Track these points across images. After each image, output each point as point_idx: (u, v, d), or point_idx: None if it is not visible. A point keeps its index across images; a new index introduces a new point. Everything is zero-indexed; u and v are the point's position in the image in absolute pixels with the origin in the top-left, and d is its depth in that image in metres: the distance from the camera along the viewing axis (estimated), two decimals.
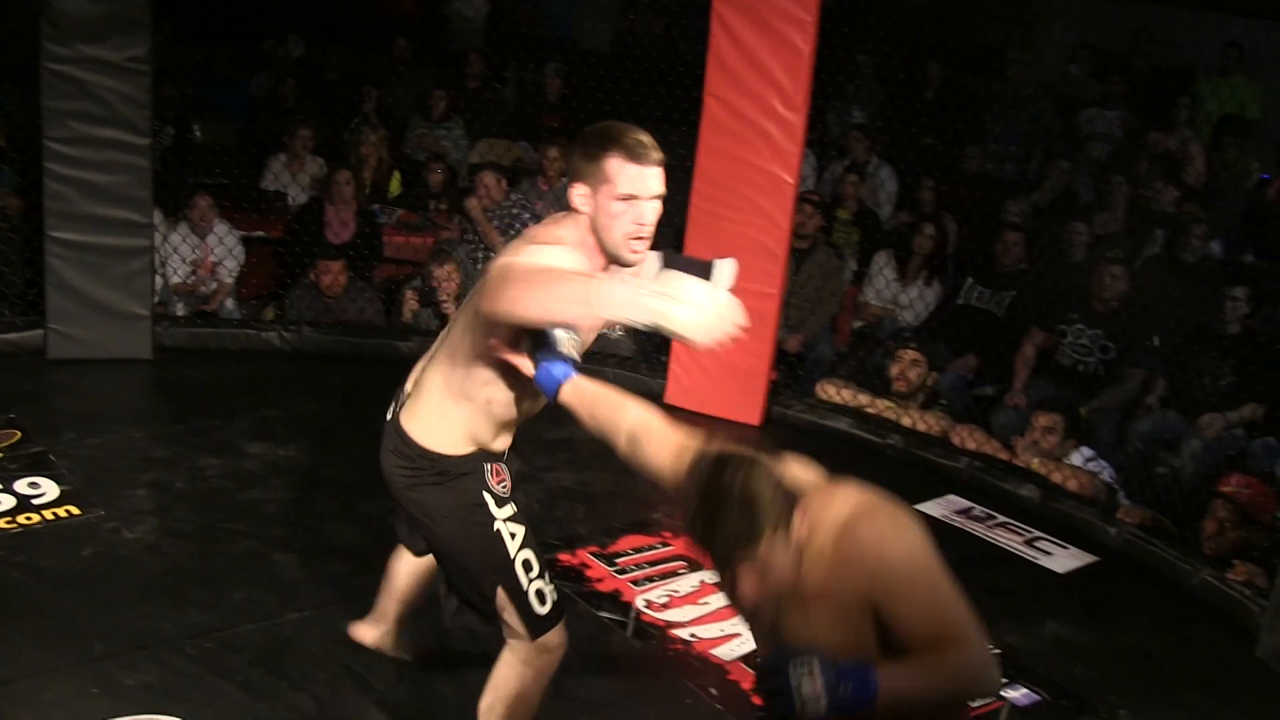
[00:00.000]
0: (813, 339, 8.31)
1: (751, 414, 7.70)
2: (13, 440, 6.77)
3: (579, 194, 3.63)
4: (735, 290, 3.24)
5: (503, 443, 4.07)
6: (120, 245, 7.66)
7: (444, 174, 9.34)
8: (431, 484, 3.97)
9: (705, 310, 3.17)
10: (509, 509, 4.00)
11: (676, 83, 8.10)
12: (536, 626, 4.00)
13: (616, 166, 3.56)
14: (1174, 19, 7.51)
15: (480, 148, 9.87)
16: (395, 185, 9.61)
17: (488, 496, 3.96)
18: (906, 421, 7.59)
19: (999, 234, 8.30)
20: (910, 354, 7.75)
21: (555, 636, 4.04)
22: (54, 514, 6.13)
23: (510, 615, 3.99)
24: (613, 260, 3.66)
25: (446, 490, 3.96)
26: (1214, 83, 9.18)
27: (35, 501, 6.21)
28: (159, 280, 8.04)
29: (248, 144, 9.53)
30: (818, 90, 7.41)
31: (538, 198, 9.04)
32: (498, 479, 3.99)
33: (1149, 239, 8.35)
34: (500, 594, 3.97)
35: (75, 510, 6.17)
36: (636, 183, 3.57)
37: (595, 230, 3.63)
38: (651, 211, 3.61)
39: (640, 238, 3.62)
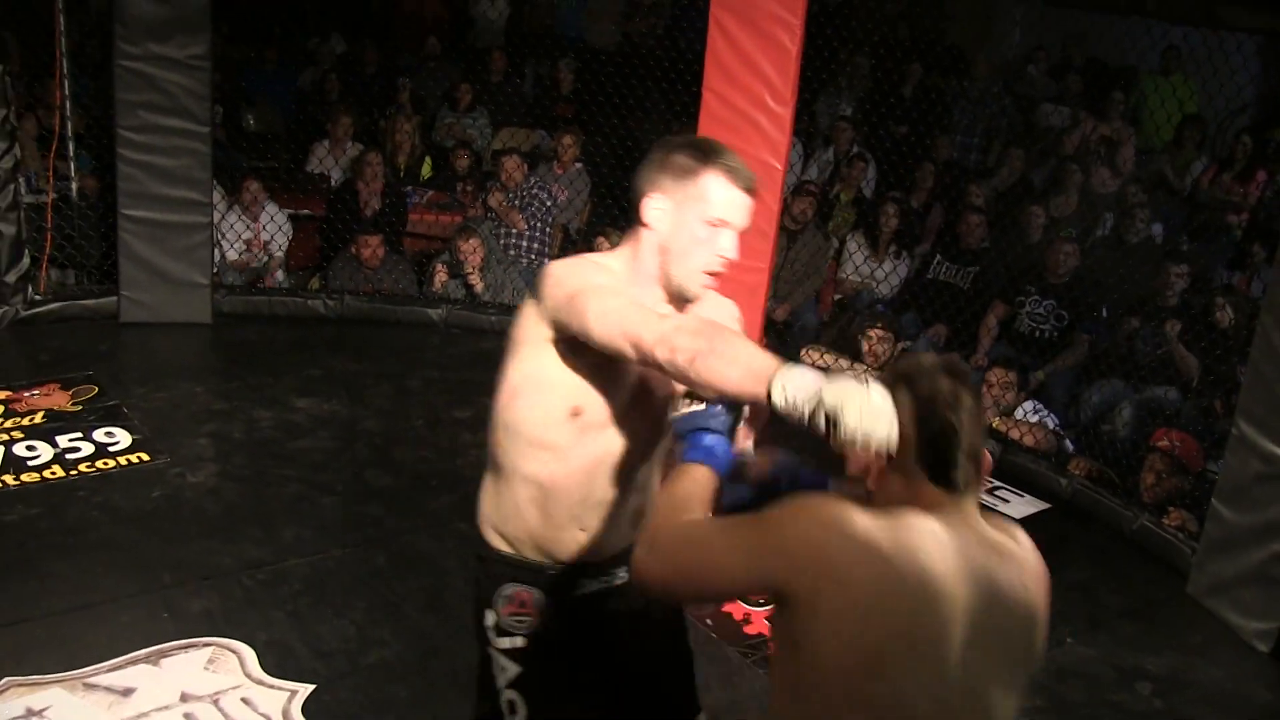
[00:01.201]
0: (798, 309, 8.36)
1: None
2: (91, 394, 6.86)
3: (656, 207, 2.82)
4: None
5: (577, 541, 3.01)
6: (183, 221, 7.74)
7: (469, 159, 9.38)
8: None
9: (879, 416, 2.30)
10: (510, 641, 3.06)
11: (677, 79, 8.11)
12: None
13: (717, 185, 2.78)
14: (1120, 25, 7.56)
15: (502, 135, 9.89)
16: (427, 169, 9.64)
17: (490, 616, 3.06)
18: None
19: (964, 216, 8.34)
20: (877, 332, 7.77)
21: None
22: (127, 460, 6.22)
23: None
24: (674, 293, 2.88)
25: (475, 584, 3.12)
26: (1156, 81, 9.22)
27: (111, 449, 6.31)
28: (217, 254, 8.10)
29: (295, 131, 9.57)
30: (804, 85, 7.44)
31: (553, 180, 9.09)
32: (510, 610, 3.03)
33: (1099, 221, 8.39)
34: None
35: (145, 457, 6.27)
36: (734, 209, 2.80)
37: (666, 252, 2.84)
38: (736, 246, 2.84)
39: (717, 273, 2.86)
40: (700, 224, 2.79)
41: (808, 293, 8.48)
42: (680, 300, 2.89)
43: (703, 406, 2.55)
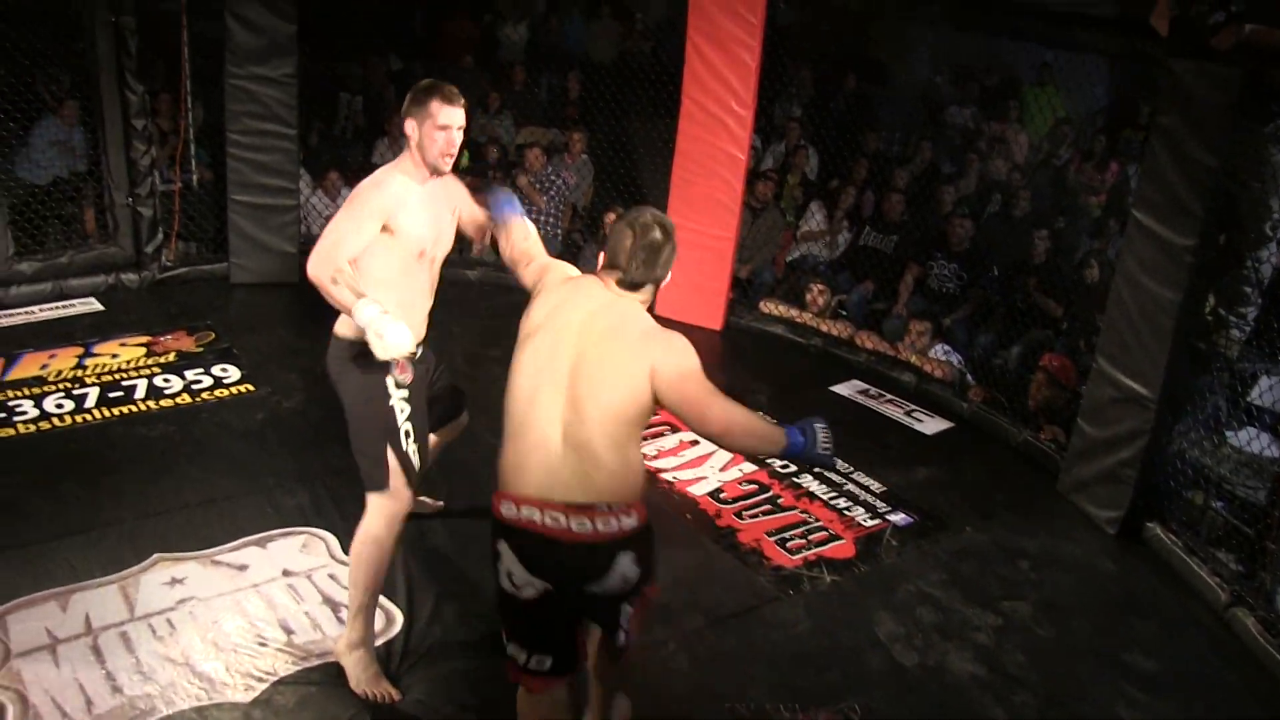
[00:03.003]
0: (758, 269, 8.43)
1: (714, 321, 7.78)
2: (209, 339, 6.96)
3: (409, 126, 3.86)
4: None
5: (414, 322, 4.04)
6: (277, 204, 7.82)
7: (498, 152, 9.40)
8: (351, 367, 3.97)
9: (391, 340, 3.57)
10: (404, 393, 3.99)
11: (662, 87, 8.13)
12: (409, 475, 3.99)
13: (437, 106, 3.82)
14: (1007, 46, 7.61)
15: (523, 133, 9.90)
16: (464, 160, 9.65)
17: (390, 381, 3.95)
18: (824, 328, 7.68)
19: (886, 195, 8.38)
20: (818, 285, 7.84)
21: (408, 490, 4.02)
22: (237, 390, 6.33)
23: (390, 471, 3.97)
24: (433, 169, 3.90)
25: (360, 373, 3.95)
26: (1034, 90, 9.28)
27: (225, 381, 6.43)
28: (303, 228, 8.15)
29: (361, 131, 9.57)
30: (761, 92, 7.47)
31: (565, 168, 9.12)
32: (400, 371, 3.97)
33: (990, 200, 8.44)
34: (389, 453, 3.96)
35: (250, 387, 6.37)
36: (449, 117, 3.83)
37: (420, 149, 3.86)
38: (458, 138, 3.89)
39: (450, 155, 3.88)
40: (433, 130, 3.83)
41: (766, 257, 8.55)
42: (436, 171, 3.93)
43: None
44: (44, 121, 7.59)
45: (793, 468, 5.89)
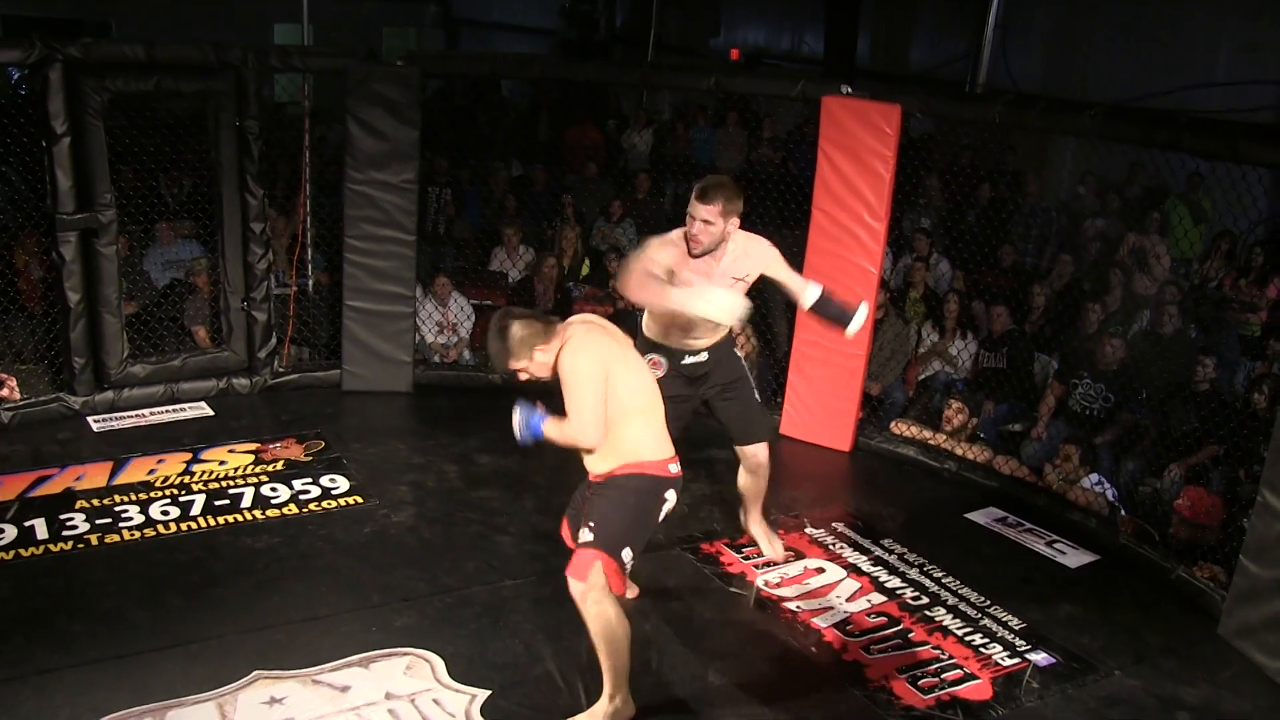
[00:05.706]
0: (888, 387, 8.25)
1: (843, 442, 7.62)
2: (319, 448, 7.01)
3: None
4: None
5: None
6: (392, 311, 7.89)
7: (619, 260, 9.44)
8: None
9: (723, 306, 4.70)
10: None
11: (790, 198, 8.10)
12: None
13: (691, 203, 5.11)
14: (1154, 155, 7.40)
15: (646, 241, 9.92)
16: (585, 269, 9.72)
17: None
18: (959, 451, 7.49)
19: (992, 309, 8.16)
20: (956, 403, 7.66)
21: None
22: (345, 501, 6.35)
23: None
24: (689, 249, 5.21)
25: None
26: (1177, 201, 9.09)
27: (333, 492, 6.45)
28: (417, 337, 8.22)
29: (480, 239, 9.66)
30: (894, 203, 7.38)
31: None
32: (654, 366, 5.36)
33: (1137, 317, 8.17)
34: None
35: (359, 499, 6.38)
36: (693, 210, 5.09)
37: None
38: (699, 228, 5.08)
39: (694, 240, 5.12)
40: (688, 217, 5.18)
41: (894, 373, 8.36)
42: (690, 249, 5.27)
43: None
44: (153, 247, 8.10)
45: (925, 600, 5.75)
